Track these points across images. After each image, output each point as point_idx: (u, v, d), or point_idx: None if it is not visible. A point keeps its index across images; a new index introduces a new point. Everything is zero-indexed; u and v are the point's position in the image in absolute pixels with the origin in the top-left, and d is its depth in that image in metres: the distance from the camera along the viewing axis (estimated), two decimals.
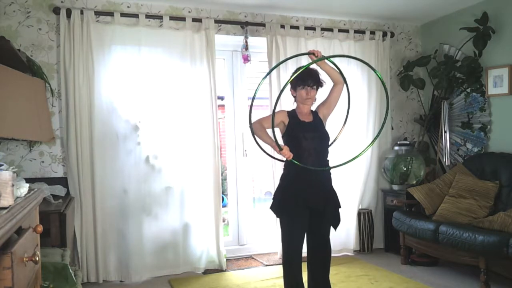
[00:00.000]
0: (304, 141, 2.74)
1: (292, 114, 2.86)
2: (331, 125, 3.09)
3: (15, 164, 3.59)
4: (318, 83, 2.83)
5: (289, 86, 2.87)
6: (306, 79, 2.78)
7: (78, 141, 3.71)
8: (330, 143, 2.92)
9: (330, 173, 2.87)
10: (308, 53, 2.79)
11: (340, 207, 2.88)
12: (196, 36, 4.06)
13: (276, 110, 2.92)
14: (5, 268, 1.09)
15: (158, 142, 3.96)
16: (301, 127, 2.79)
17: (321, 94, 2.97)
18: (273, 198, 2.95)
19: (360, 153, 2.95)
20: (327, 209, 2.80)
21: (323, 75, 2.89)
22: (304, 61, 4.37)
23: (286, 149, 2.68)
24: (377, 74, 2.90)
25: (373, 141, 3.15)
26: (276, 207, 2.86)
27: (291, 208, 2.76)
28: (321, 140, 2.82)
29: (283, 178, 2.88)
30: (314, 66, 2.82)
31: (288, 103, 3.15)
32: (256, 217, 4.86)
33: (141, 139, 3.91)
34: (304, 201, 2.73)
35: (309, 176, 2.75)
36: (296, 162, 2.68)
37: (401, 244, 4.14)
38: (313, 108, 2.94)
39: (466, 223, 3.62)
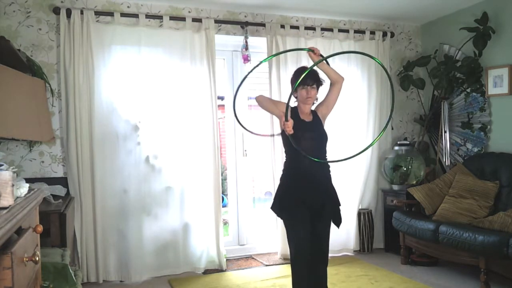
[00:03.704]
0: (303, 141, 2.75)
1: (294, 111, 2.87)
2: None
3: (15, 164, 3.59)
4: (318, 82, 2.84)
5: (289, 87, 2.91)
6: (305, 79, 2.79)
7: (78, 141, 3.71)
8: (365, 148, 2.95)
9: (329, 172, 2.88)
10: (308, 50, 2.82)
11: (340, 205, 2.88)
12: (196, 36, 4.07)
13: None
14: (5, 268, 1.09)
15: (158, 142, 3.96)
16: (300, 126, 2.80)
17: (321, 94, 2.96)
18: (273, 198, 2.96)
19: (365, 148, 2.94)
20: (326, 209, 2.80)
21: (322, 74, 2.89)
22: (304, 59, 4.38)
23: (290, 123, 2.64)
24: (378, 62, 2.90)
25: (381, 133, 3.10)
26: (276, 207, 2.87)
27: (291, 207, 2.76)
28: (320, 140, 2.83)
29: (282, 178, 2.90)
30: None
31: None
32: (256, 217, 4.86)
33: (141, 139, 3.91)
34: (303, 200, 2.74)
35: (307, 175, 2.76)
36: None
37: (401, 244, 4.14)
38: (312, 107, 2.94)
39: (466, 223, 3.62)
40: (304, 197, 2.74)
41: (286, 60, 4.33)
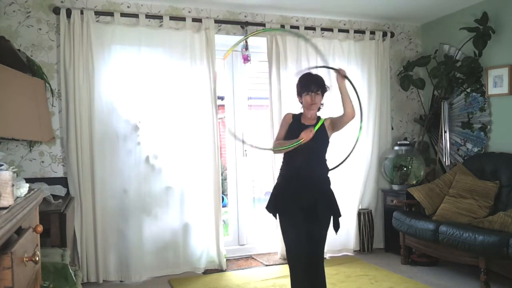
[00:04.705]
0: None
1: (296, 117, 2.90)
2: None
3: (15, 164, 3.59)
4: (323, 88, 2.84)
5: (295, 93, 2.93)
6: (309, 85, 2.81)
7: (78, 141, 3.71)
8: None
9: (327, 176, 2.87)
10: (334, 69, 2.88)
11: (337, 207, 2.86)
12: (196, 36, 4.07)
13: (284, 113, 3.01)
14: (5, 268, 1.09)
15: (158, 142, 3.96)
16: (299, 129, 2.80)
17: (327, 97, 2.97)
18: (268, 198, 2.97)
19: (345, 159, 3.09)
20: (319, 211, 2.78)
21: (327, 80, 2.90)
22: (304, 58, 4.38)
23: (303, 133, 2.68)
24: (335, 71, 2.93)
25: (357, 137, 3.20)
26: (271, 207, 2.89)
27: (284, 208, 2.78)
28: (319, 142, 2.82)
29: (278, 178, 2.92)
30: (315, 71, 2.89)
31: (288, 106, 3.15)
32: (256, 217, 4.85)
33: (141, 139, 3.91)
34: (297, 200, 2.74)
35: (303, 176, 2.76)
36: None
37: (401, 244, 4.14)
38: (324, 116, 2.93)
39: (466, 223, 3.62)
40: (298, 198, 2.74)
41: (286, 60, 4.33)
